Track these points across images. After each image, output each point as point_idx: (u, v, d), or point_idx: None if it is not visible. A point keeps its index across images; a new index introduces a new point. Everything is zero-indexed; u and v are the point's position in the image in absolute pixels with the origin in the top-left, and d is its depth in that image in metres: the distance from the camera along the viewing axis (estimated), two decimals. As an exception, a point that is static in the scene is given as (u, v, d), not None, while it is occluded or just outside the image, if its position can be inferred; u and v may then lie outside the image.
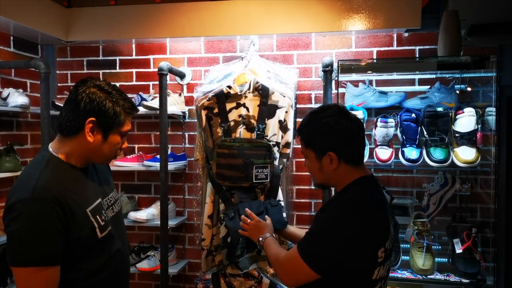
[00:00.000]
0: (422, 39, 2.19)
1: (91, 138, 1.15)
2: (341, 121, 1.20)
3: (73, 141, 1.16)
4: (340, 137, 1.19)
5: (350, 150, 1.21)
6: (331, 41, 2.27)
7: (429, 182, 2.13)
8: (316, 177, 1.29)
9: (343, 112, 1.24)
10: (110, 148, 1.20)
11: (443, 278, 1.81)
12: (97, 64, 2.51)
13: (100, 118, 1.14)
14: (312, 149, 1.24)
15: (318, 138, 1.22)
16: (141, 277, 2.49)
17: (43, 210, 1.06)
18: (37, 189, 1.07)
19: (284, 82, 2.09)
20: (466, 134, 1.83)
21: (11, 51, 2.27)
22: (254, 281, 2.01)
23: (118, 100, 1.17)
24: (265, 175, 1.91)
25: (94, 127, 1.14)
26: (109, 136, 1.18)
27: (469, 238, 1.84)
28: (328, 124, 1.20)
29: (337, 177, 1.23)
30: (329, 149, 1.19)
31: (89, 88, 1.15)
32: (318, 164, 1.23)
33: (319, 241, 1.15)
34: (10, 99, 2.07)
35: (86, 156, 1.19)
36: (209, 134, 2.02)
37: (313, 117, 1.25)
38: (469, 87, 2.12)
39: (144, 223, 2.25)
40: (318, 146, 1.22)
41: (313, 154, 1.24)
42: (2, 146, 2.17)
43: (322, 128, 1.21)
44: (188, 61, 2.42)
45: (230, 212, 1.82)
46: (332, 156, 1.19)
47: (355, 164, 1.23)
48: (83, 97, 1.13)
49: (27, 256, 1.05)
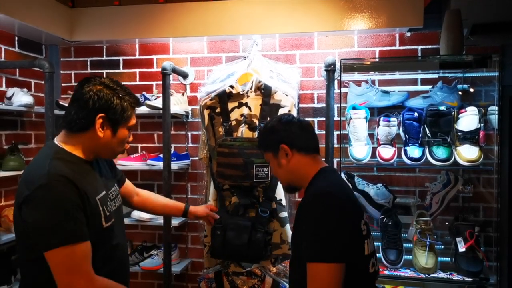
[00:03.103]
0: (424, 39, 2.20)
1: (101, 133, 1.19)
2: (283, 121, 1.37)
3: (83, 136, 1.20)
4: (285, 130, 1.33)
5: (299, 138, 1.32)
6: (333, 41, 2.28)
7: (431, 181, 2.13)
8: (280, 176, 1.38)
9: (287, 117, 1.40)
10: (118, 143, 1.25)
11: (446, 276, 1.81)
12: (101, 64, 2.52)
13: (110, 114, 1.19)
14: (269, 150, 1.36)
15: (268, 139, 1.37)
16: (144, 276, 2.49)
17: (63, 191, 1.10)
18: (52, 175, 1.10)
19: (287, 81, 2.09)
20: (469, 133, 1.84)
21: (16, 51, 2.29)
22: (257, 279, 2.01)
23: (124, 95, 1.22)
24: (265, 174, 1.92)
25: (104, 122, 1.19)
26: (118, 131, 1.23)
27: (472, 236, 1.84)
28: (272, 126, 1.38)
29: (297, 170, 1.32)
30: (280, 142, 1.31)
31: (95, 86, 1.19)
32: (276, 161, 1.34)
33: (320, 238, 1.16)
34: (15, 99, 2.09)
35: (95, 151, 1.23)
36: (211, 133, 2.03)
37: (265, 127, 1.45)
38: (471, 87, 2.12)
39: (147, 222, 2.26)
40: (271, 144, 1.35)
41: (271, 155, 1.36)
42: (7, 145, 2.18)
43: (268, 131, 1.38)
44: (191, 61, 2.43)
45: (217, 229, 1.93)
46: (285, 147, 1.31)
47: (309, 152, 1.32)
48: (91, 95, 1.17)
49: (60, 236, 1.07)
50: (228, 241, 1.93)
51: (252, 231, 1.93)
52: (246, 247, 1.91)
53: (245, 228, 1.92)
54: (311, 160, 1.33)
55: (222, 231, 1.94)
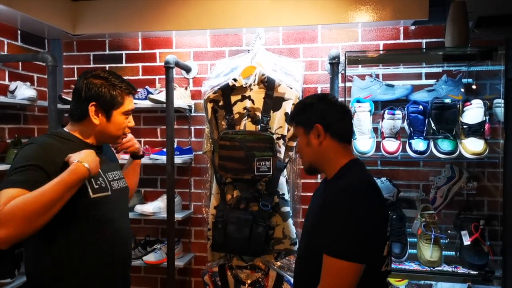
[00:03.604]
0: (428, 32, 2.18)
1: (96, 120, 1.32)
2: (326, 101, 1.30)
3: (83, 124, 1.35)
4: (325, 110, 1.27)
5: (336, 124, 1.26)
6: (337, 34, 2.27)
7: (435, 175, 2.12)
8: (305, 154, 1.32)
9: (332, 97, 1.35)
10: (116, 127, 1.36)
11: (451, 270, 1.80)
12: (103, 59, 2.52)
13: (100, 101, 1.31)
14: (301, 125, 1.30)
15: (304, 114, 1.30)
16: (147, 271, 2.49)
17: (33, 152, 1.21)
18: (37, 139, 1.28)
19: (291, 74, 2.09)
20: (474, 126, 1.82)
21: (19, 45, 2.28)
22: (261, 273, 2.01)
23: (115, 82, 1.33)
24: (267, 168, 1.91)
25: (97, 110, 1.32)
26: (112, 116, 1.34)
27: (477, 230, 1.83)
28: (314, 102, 1.30)
29: (326, 154, 1.26)
30: (316, 121, 1.25)
31: (87, 78, 1.33)
32: (306, 139, 1.28)
33: (345, 233, 1.12)
34: (18, 92, 2.08)
35: (96, 136, 1.36)
36: (214, 126, 2.03)
37: (303, 101, 1.38)
38: (474, 84, 2.10)
39: (150, 216, 2.25)
40: (306, 120, 1.28)
41: (301, 130, 1.30)
42: (10, 139, 2.18)
43: (307, 106, 1.31)
44: (194, 55, 2.42)
45: (218, 223, 1.95)
46: (319, 128, 1.25)
47: (342, 141, 1.26)
48: (83, 87, 1.31)
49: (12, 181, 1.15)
50: (229, 234, 1.92)
51: (253, 225, 1.92)
52: (247, 241, 1.91)
53: (246, 222, 1.91)
54: (342, 149, 1.27)
55: (224, 224, 1.93)
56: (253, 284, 2.01)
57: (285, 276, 1.99)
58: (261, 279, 2.01)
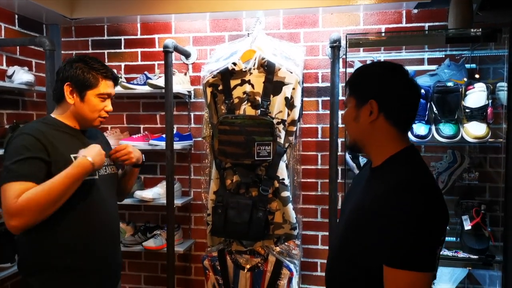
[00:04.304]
0: (431, 16, 2.15)
1: (71, 100, 1.38)
2: (396, 75, 1.06)
3: (62, 106, 1.41)
4: (387, 86, 1.05)
5: (395, 105, 1.04)
6: (338, 18, 2.24)
7: (437, 162, 2.10)
8: (350, 129, 1.12)
9: (403, 71, 1.07)
10: (90, 108, 1.39)
11: (451, 254, 1.79)
12: (102, 44, 2.49)
13: (73, 81, 1.36)
14: (354, 95, 1.09)
15: (363, 84, 1.09)
16: (147, 257, 2.50)
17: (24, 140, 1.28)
18: (27, 129, 1.33)
19: (291, 59, 2.06)
20: (477, 110, 1.80)
21: (16, 29, 2.26)
22: (260, 258, 2.00)
23: (92, 65, 1.38)
24: (267, 153, 1.90)
25: (72, 90, 1.37)
26: (86, 97, 1.38)
27: (478, 214, 1.81)
28: (375, 72, 1.09)
29: (375, 135, 1.05)
30: (372, 97, 1.04)
31: (69, 61, 1.40)
32: (355, 113, 1.07)
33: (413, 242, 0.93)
34: (16, 77, 2.07)
35: (74, 117, 1.41)
36: (213, 111, 2.01)
37: (366, 66, 1.16)
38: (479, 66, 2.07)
39: (150, 202, 2.25)
40: (361, 92, 1.07)
41: (353, 101, 1.09)
42: (8, 124, 2.17)
43: (370, 75, 1.09)
44: (194, 40, 2.40)
45: (218, 208, 1.94)
46: (373, 105, 1.03)
47: (397, 125, 1.04)
48: (62, 69, 1.39)
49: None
50: (229, 219, 1.92)
51: (253, 210, 1.91)
52: (247, 225, 1.90)
53: (246, 207, 1.91)
54: (397, 134, 1.04)
55: (223, 209, 1.93)
56: (252, 269, 2.01)
57: (284, 262, 1.98)
58: (260, 264, 2.00)
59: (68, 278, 1.33)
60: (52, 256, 1.32)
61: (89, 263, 1.36)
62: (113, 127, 2.43)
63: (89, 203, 1.37)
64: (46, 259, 1.32)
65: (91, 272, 1.37)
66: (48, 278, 1.31)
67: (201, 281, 2.40)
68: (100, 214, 1.41)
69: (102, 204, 1.42)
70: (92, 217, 1.38)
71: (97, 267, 1.39)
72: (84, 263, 1.35)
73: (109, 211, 1.46)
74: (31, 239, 1.32)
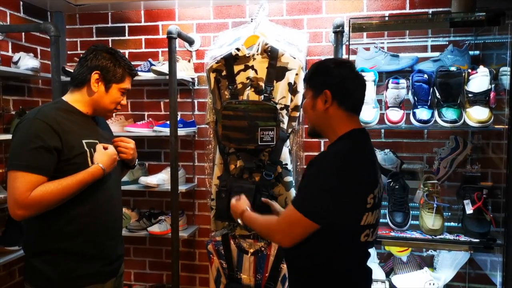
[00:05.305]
0: (435, 2, 2.14)
1: (95, 88, 1.40)
2: (344, 69, 1.27)
3: (81, 91, 1.41)
4: (339, 78, 1.24)
5: (345, 93, 1.25)
6: (342, 4, 2.23)
7: (440, 147, 2.11)
8: (309, 116, 1.32)
9: (351, 66, 1.30)
10: (111, 100, 1.44)
11: (452, 238, 1.81)
12: (106, 31, 2.50)
13: (104, 72, 1.39)
14: (310, 88, 1.30)
15: (316, 76, 1.29)
16: (152, 242, 2.53)
17: (36, 128, 1.28)
18: (39, 113, 1.31)
19: (294, 45, 2.06)
20: (479, 94, 1.80)
21: (21, 16, 2.27)
22: (263, 242, 2.03)
23: (120, 60, 1.43)
24: (270, 138, 1.91)
25: (98, 79, 1.39)
26: (110, 89, 1.42)
27: (479, 199, 1.82)
28: (327, 67, 1.28)
29: (329, 121, 1.26)
30: (325, 87, 1.24)
31: (97, 50, 1.42)
32: (312, 102, 1.28)
33: (311, 191, 1.19)
34: (21, 63, 2.09)
35: (91, 104, 1.42)
36: (217, 96, 2.02)
37: (319, 62, 1.34)
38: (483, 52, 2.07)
39: (155, 188, 2.27)
40: (316, 84, 1.27)
41: (311, 93, 1.29)
42: (14, 111, 2.19)
43: (324, 69, 1.28)
44: (197, 27, 2.40)
45: (222, 192, 1.95)
46: (327, 94, 1.23)
47: (349, 110, 1.25)
48: (91, 56, 1.40)
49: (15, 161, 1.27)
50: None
51: (257, 194, 1.93)
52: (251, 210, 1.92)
53: (249, 191, 1.91)
54: (348, 118, 1.25)
55: (227, 194, 1.94)
56: (256, 253, 2.04)
57: (288, 245, 2.00)
58: (264, 248, 2.03)
59: (70, 260, 1.35)
60: (55, 241, 1.34)
61: (92, 248, 1.39)
62: (117, 114, 2.45)
63: (94, 191, 1.38)
64: (49, 243, 1.35)
65: (92, 256, 1.39)
66: (50, 259, 1.34)
67: (205, 267, 2.43)
68: (105, 202, 1.43)
69: (106, 191, 1.44)
70: (96, 205, 1.40)
71: (99, 252, 1.41)
72: (86, 248, 1.38)
73: (113, 198, 1.48)
74: (36, 224, 1.35)
